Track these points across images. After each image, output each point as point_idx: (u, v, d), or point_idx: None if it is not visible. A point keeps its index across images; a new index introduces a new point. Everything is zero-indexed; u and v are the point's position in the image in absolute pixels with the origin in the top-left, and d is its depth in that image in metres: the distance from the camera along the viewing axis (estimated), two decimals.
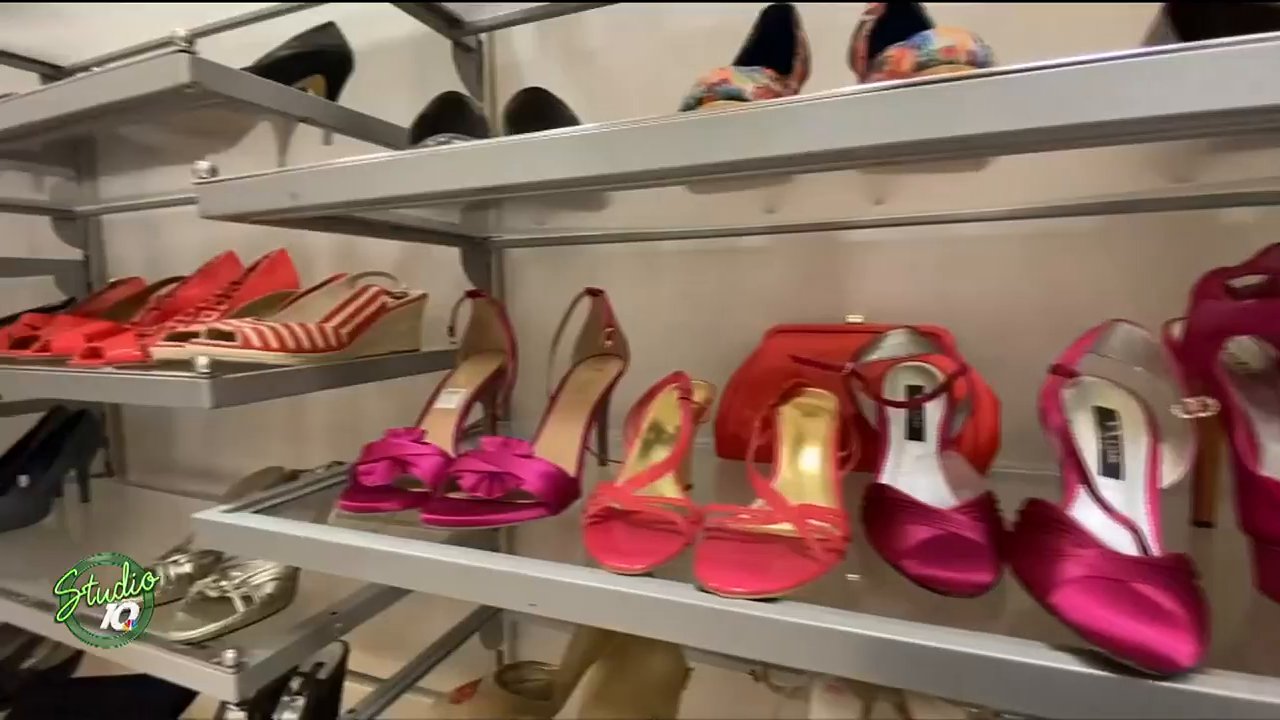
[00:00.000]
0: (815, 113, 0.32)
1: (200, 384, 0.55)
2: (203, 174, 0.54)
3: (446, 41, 0.91)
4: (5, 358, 0.75)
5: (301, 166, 0.49)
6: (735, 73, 0.41)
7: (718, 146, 0.36)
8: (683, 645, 0.70)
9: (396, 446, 0.57)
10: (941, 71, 0.36)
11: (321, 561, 0.48)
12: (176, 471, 1.22)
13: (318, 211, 0.51)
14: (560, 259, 0.92)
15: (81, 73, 1.20)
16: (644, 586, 0.40)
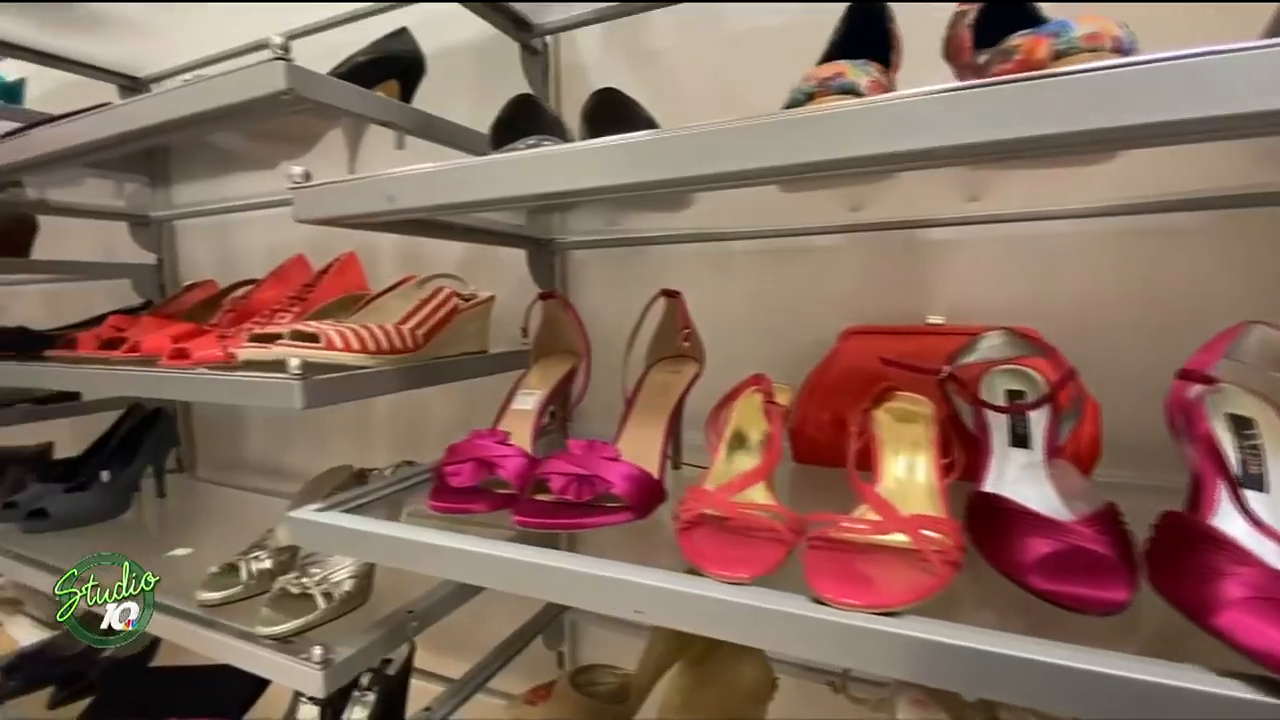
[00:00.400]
0: (960, 105, 0.31)
1: (293, 385, 0.56)
2: (297, 179, 0.55)
3: (508, 45, 0.92)
4: (99, 358, 0.78)
5: (398, 170, 0.50)
6: (850, 66, 0.40)
7: (845, 142, 0.34)
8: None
9: (482, 448, 0.57)
10: (1084, 60, 0.34)
11: (417, 562, 0.48)
12: (244, 468, 1.26)
13: (413, 214, 0.51)
14: (623, 260, 0.91)
15: (155, 84, 1.25)
16: (755, 596, 0.39)
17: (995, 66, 0.38)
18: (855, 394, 0.67)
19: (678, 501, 0.51)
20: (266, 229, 1.21)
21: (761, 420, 0.58)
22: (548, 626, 0.91)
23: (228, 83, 0.55)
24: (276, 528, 0.84)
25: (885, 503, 0.42)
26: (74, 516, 0.96)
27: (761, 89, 0.79)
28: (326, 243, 1.04)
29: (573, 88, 0.90)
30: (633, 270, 0.90)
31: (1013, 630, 0.34)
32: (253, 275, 1.06)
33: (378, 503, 0.63)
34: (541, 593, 0.43)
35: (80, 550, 0.89)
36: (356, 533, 0.53)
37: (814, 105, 0.39)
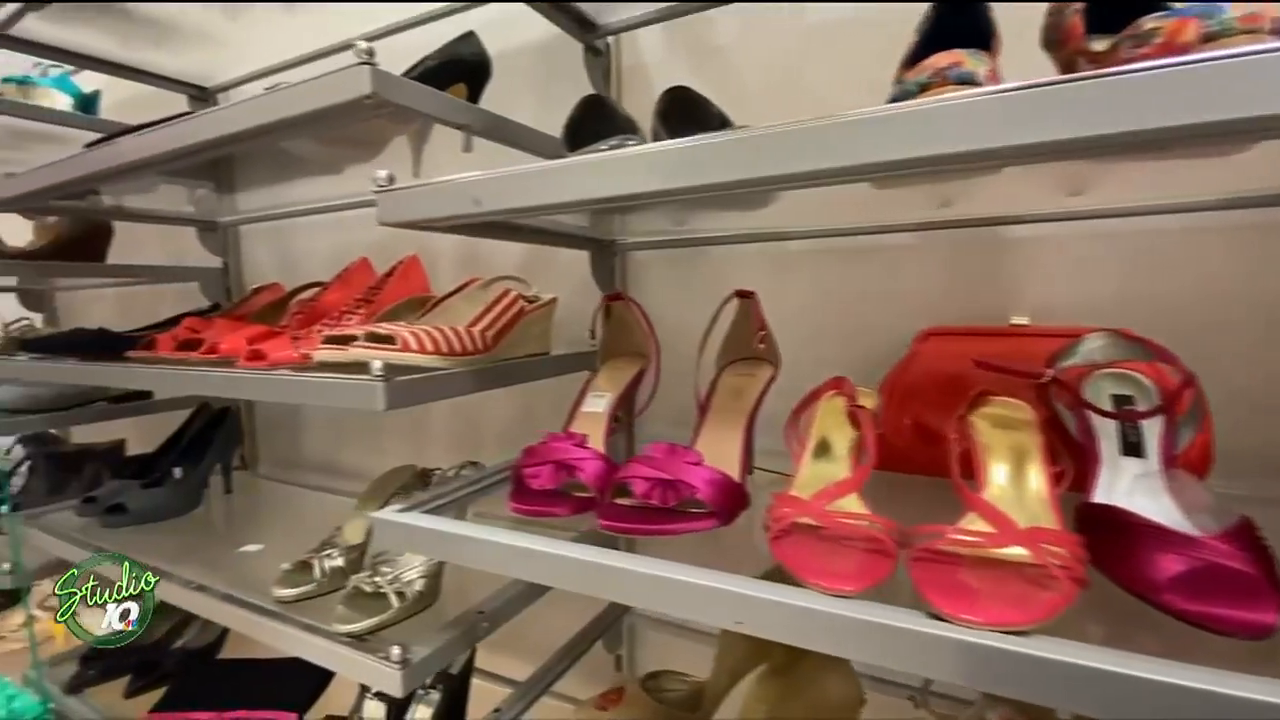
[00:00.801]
0: (1119, 91, 0.29)
1: (376, 387, 0.56)
2: (381, 182, 0.55)
3: (568, 47, 0.92)
4: (180, 360, 0.80)
5: (484, 173, 0.49)
6: (967, 55, 0.38)
7: (972, 134, 0.33)
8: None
9: (559, 450, 0.57)
10: (1240, 42, 0.31)
11: (508, 566, 0.48)
12: (302, 466, 1.29)
13: (495, 217, 0.51)
14: (684, 261, 0.90)
15: (221, 94, 1.29)
16: (865, 610, 0.37)
17: (1128, 52, 0.36)
18: (937, 398, 0.65)
19: (764, 509, 0.50)
20: (326, 233, 1.23)
21: (845, 425, 0.57)
22: (608, 630, 0.91)
23: (313, 88, 0.56)
24: (344, 526, 0.85)
25: (1001, 514, 0.40)
26: (150, 512, 1.00)
27: (831, 83, 0.78)
28: (387, 246, 1.06)
29: (634, 88, 0.90)
30: (694, 271, 0.89)
31: (1148, 652, 0.32)
32: (313, 278, 1.08)
33: (452, 503, 0.63)
34: (638, 600, 0.42)
35: (157, 544, 0.92)
36: (440, 534, 0.53)
37: (929, 96, 0.38)
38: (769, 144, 0.39)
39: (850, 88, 0.76)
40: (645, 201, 0.51)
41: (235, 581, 0.79)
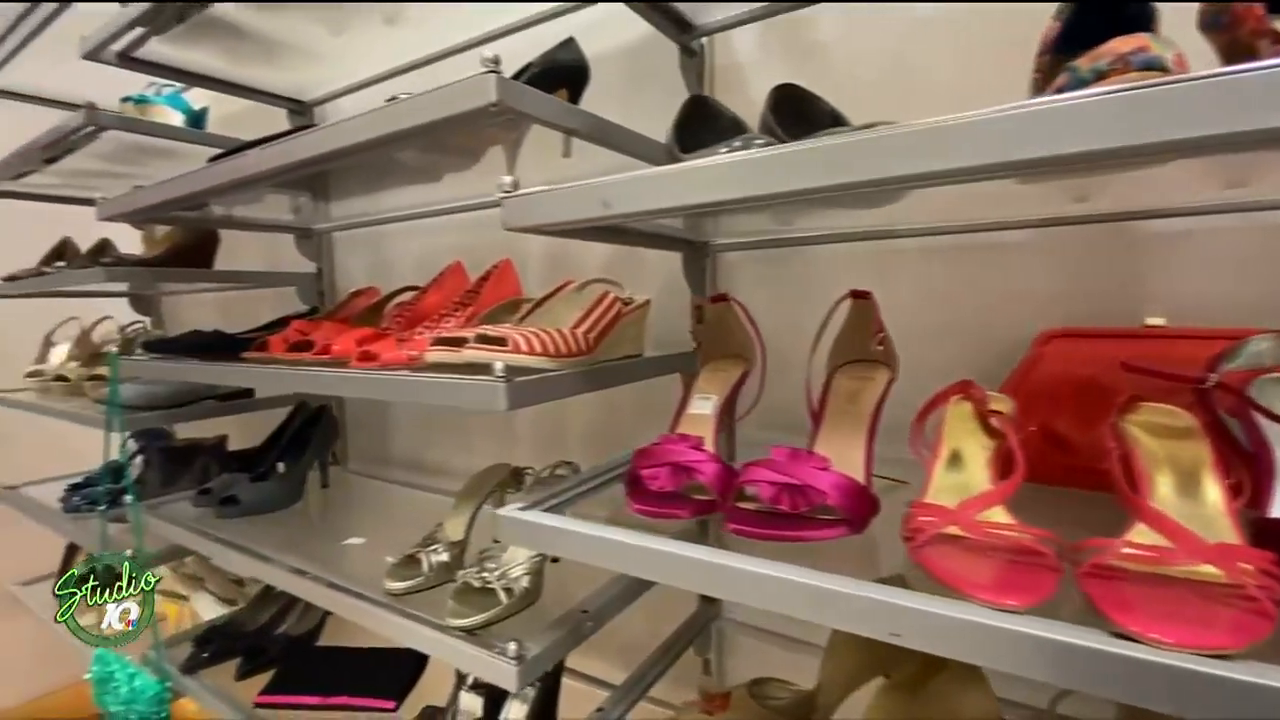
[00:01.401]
0: None
1: (498, 387, 0.57)
2: (506, 188, 0.56)
3: (655, 49, 0.92)
4: (294, 360, 0.84)
5: (615, 176, 0.50)
6: (1152, 39, 0.35)
7: (1173, 124, 0.31)
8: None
9: (676, 452, 0.57)
10: None
11: (643, 567, 0.48)
12: (390, 463, 1.33)
13: (624, 220, 0.51)
14: (777, 261, 0.89)
15: (318, 108, 1.35)
16: (1038, 626, 0.35)
17: None
18: (1067, 404, 0.62)
19: (895, 517, 0.49)
20: (414, 238, 1.28)
21: (976, 431, 0.54)
22: (700, 634, 0.90)
23: (439, 97, 0.58)
24: (445, 522, 0.88)
25: (1182, 529, 0.38)
26: (258, 504, 1.05)
27: (944, 76, 0.76)
28: (474, 249, 1.09)
29: (729, 87, 0.89)
30: (787, 271, 0.88)
31: None
32: (402, 281, 1.12)
33: (567, 501, 0.64)
34: (782, 607, 0.41)
35: (266, 535, 0.97)
36: (566, 532, 0.53)
37: (1109, 84, 0.36)
38: (927, 140, 0.38)
39: (965, 79, 0.74)
40: (774, 203, 0.51)
41: (344, 573, 0.82)
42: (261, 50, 1.09)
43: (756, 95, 0.86)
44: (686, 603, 0.95)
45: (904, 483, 0.62)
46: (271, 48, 1.08)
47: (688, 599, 0.96)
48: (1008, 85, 0.70)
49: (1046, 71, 0.50)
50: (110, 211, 1.04)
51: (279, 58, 1.12)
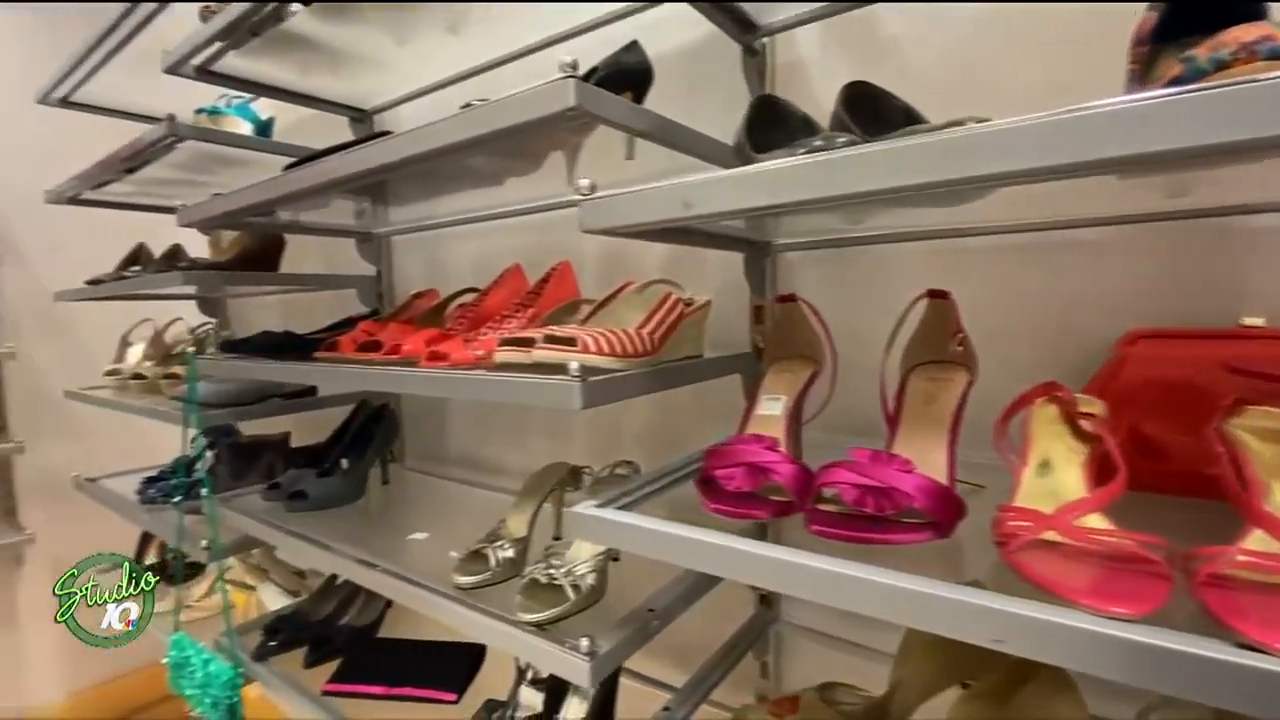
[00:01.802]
0: None
1: (573, 386, 0.58)
2: (584, 190, 0.57)
3: (708, 50, 0.93)
4: (365, 359, 0.87)
5: (697, 176, 0.50)
6: (1278, 29, 0.34)
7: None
8: None
9: (750, 452, 0.57)
10: None
11: (726, 567, 0.48)
12: (445, 460, 1.37)
13: (703, 220, 0.51)
14: (839, 261, 0.88)
15: (377, 116, 1.39)
16: (1155, 636, 0.34)
17: None
18: (1159, 407, 0.60)
19: (991, 522, 0.48)
20: (470, 242, 1.30)
21: (1064, 434, 0.53)
22: (759, 638, 0.90)
23: (518, 102, 0.59)
24: (507, 519, 0.89)
25: None
26: (325, 499, 1.09)
27: (1011, 72, 0.74)
28: (529, 252, 1.11)
29: (790, 87, 0.88)
30: (850, 271, 0.87)
31: None
32: (459, 283, 1.15)
33: (638, 500, 0.64)
34: (876, 610, 0.41)
35: (332, 528, 1.00)
36: (642, 530, 0.53)
37: (1233, 74, 0.34)
38: (1029, 137, 0.37)
39: (1034, 74, 0.72)
40: (857, 202, 0.50)
41: (411, 567, 0.84)
42: (328, 60, 1.13)
43: (819, 94, 0.86)
44: (741, 605, 0.95)
45: (980, 486, 0.61)
46: (338, 58, 1.12)
47: (743, 601, 0.95)
48: (1081, 79, 0.68)
49: (1145, 63, 0.48)
50: (190, 218, 1.09)
51: (344, 67, 1.16)
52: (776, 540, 0.50)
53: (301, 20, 0.98)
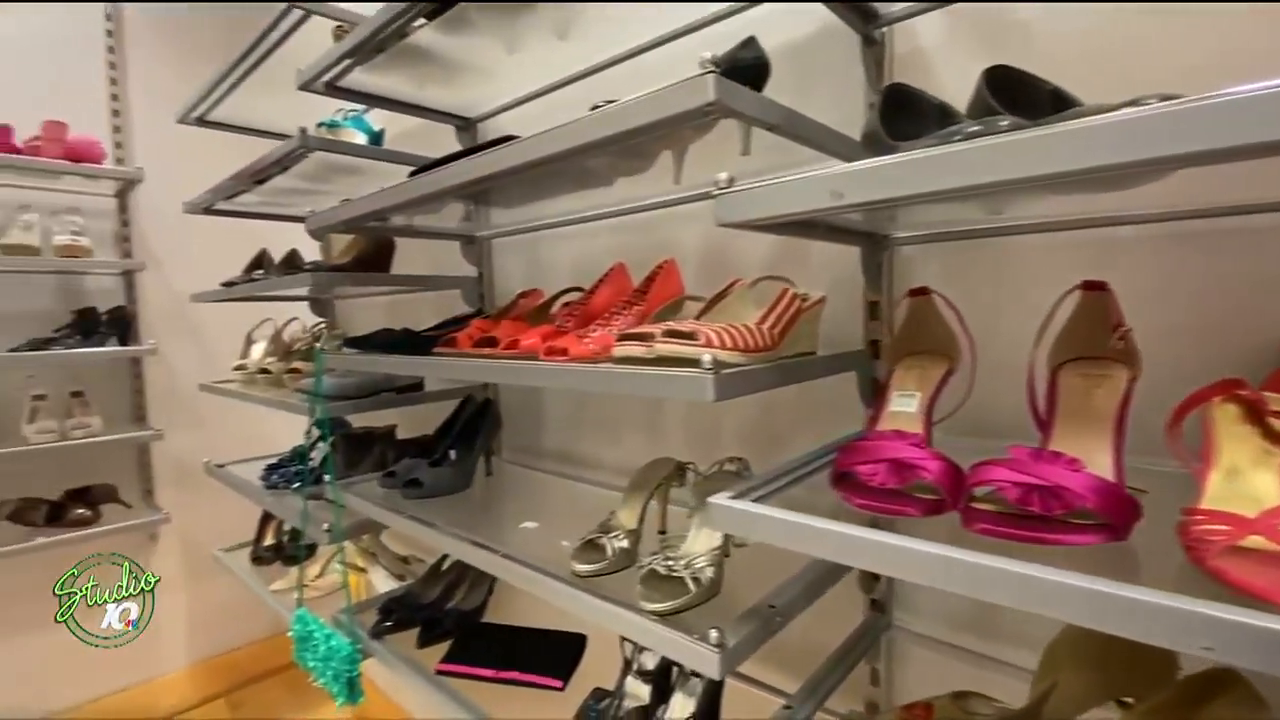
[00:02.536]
0: None
1: (706, 379, 0.59)
2: (722, 184, 0.58)
3: (821, 42, 0.92)
4: (484, 355, 0.91)
5: (846, 166, 0.50)
6: None
7: None
8: None
9: (895, 449, 0.55)
10: None
11: (882, 563, 0.47)
12: (541, 454, 1.40)
13: (854, 210, 0.51)
14: (963, 253, 0.84)
15: (481, 124, 1.46)
16: None
17: None
18: None
19: (1176, 526, 0.44)
20: (568, 242, 1.34)
21: (1250, 434, 0.49)
22: (874, 644, 0.88)
23: (657, 99, 0.60)
24: (617, 511, 0.91)
25: None
26: (437, 487, 1.15)
27: (1152, 54, 0.69)
28: (627, 251, 1.13)
29: (908, 76, 0.86)
30: (976, 264, 0.83)
31: None
32: (555, 283, 1.19)
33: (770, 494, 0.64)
34: (1084, 619, 0.39)
35: (446, 515, 1.05)
36: (788, 523, 0.53)
37: None
38: (1250, 110, 0.34)
39: (1198, 54, 0.67)
40: (1018, 188, 0.48)
41: (526, 554, 0.87)
42: (442, 71, 1.19)
43: (940, 83, 0.83)
44: (847, 608, 0.92)
45: (1142, 491, 0.57)
46: (451, 68, 1.17)
47: (852, 605, 0.93)
48: (1230, 58, 0.63)
49: None
50: (318, 224, 1.18)
51: (456, 77, 1.22)
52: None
53: (420, 33, 1.04)
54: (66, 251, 1.74)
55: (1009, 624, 0.83)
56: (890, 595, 0.92)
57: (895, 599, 0.92)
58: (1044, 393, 0.60)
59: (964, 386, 0.69)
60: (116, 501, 1.88)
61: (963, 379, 0.70)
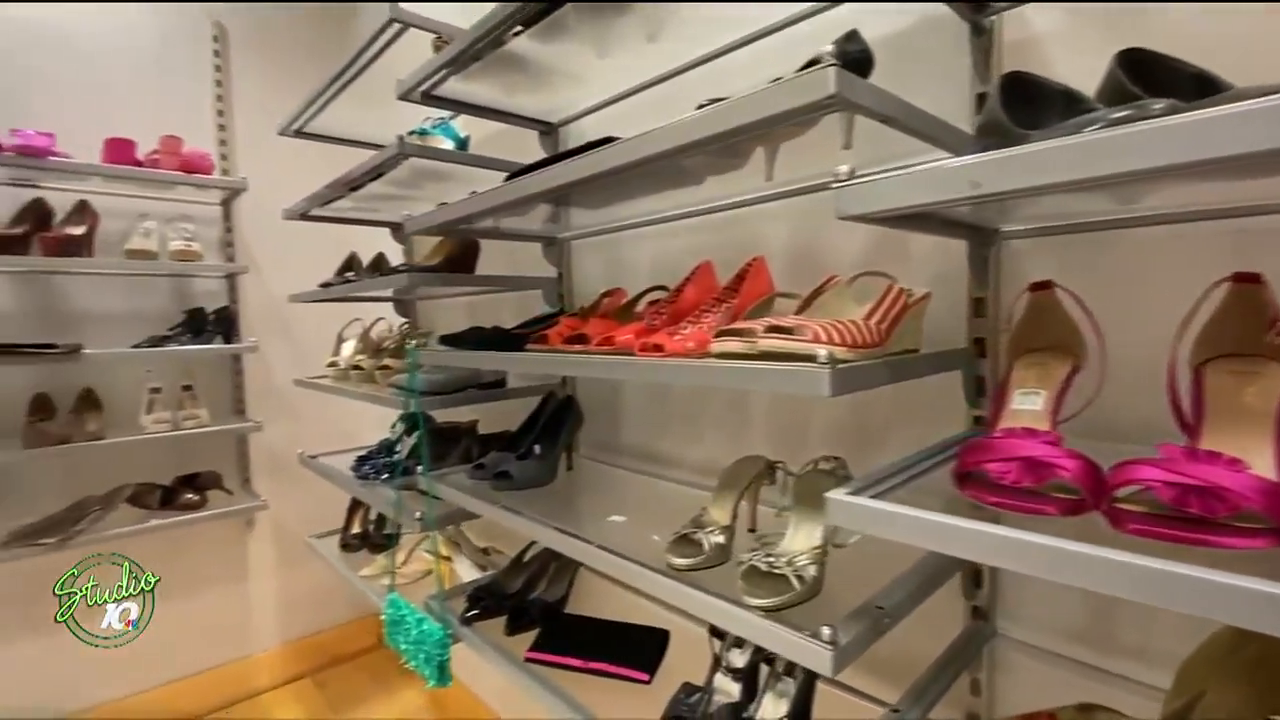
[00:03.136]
0: None
1: (822, 373, 0.59)
2: (842, 176, 0.57)
3: (915, 33, 0.90)
4: (581, 350, 0.93)
5: (985, 155, 0.49)
6: None
7: None
8: None
9: (1027, 447, 0.54)
10: None
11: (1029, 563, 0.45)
12: (619, 450, 1.42)
13: (993, 200, 0.49)
14: (1079, 247, 0.81)
15: (562, 128, 1.49)
16: None
17: None
18: None
19: None
20: (647, 242, 1.35)
21: None
22: (977, 654, 0.85)
23: (776, 92, 0.61)
24: (709, 507, 0.92)
25: None
26: (526, 480, 1.18)
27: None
28: (706, 251, 1.13)
29: (1022, 64, 0.83)
30: (1093, 258, 0.79)
31: None
32: (633, 282, 1.21)
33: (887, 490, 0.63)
34: (1249, 621, 0.37)
35: (536, 507, 1.08)
36: (914, 520, 0.52)
37: None
38: None
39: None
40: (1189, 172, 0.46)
41: (619, 548, 0.89)
42: (531, 77, 1.22)
43: (1053, 71, 0.80)
44: (943, 615, 0.89)
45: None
46: (540, 74, 1.21)
47: (947, 612, 0.90)
48: None
49: None
50: (416, 226, 1.24)
51: (545, 83, 1.25)
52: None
53: (515, 41, 1.08)
54: (181, 256, 1.89)
55: (1129, 635, 0.79)
56: (994, 602, 0.88)
57: (998, 606, 0.89)
58: (1188, 392, 0.57)
59: (1089, 385, 0.66)
60: (220, 488, 2.02)
61: (1088, 377, 0.67)
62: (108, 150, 1.80)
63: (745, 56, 1.12)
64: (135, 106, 1.99)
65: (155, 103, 2.03)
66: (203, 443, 2.04)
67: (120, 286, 1.97)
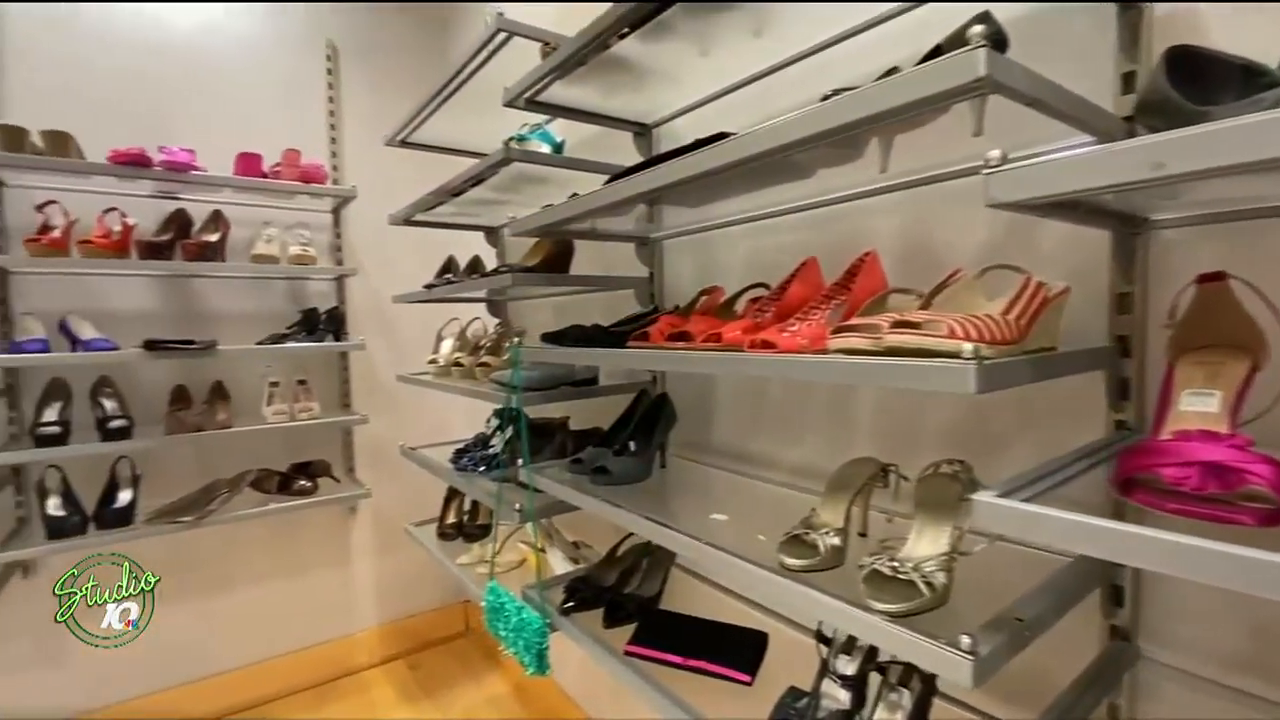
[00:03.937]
0: None
1: (967, 369, 0.56)
2: (994, 161, 0.55)
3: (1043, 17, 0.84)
4: (685, 348, 0.93)
5: (1171, 134, 0.45)
6: None
7: None
8: None
9: (1209, 451, 0.49)
10: None
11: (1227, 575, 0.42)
12: (710, 450, 1.42)
13: (1181, 180, 0.46)
14: (1242, 236, 0.73)
15: (655, 129, 1.51)
16: None
17: None
18: None
19: None
20: (738, 241, 1.34)
21: None
22: (1118, 680, 0.78)
23: (926, 74, 0.58)
24: (818, 509, 0.90)
25: None
26: (623, 475, 1.20)
27: None
28: (799, 248, 1.11)
29: (1169, 40, 0.76)
30: (1257, 249, 0.72)
31: None
32: (725, 281, 1.20)
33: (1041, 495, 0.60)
34: None
35: (634, 503, 1.09)
36: (1082, 525, 0.49)
37: None
38: None
39: None
40: None
41: (726, 546, 0.88)
42: (632, 79, 1.24)
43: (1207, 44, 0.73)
44: (1075, 634, 0.83)
45: None
46: (641, 75, 1.22)
47: (1086, 631, 0.84)
48: None
49: None
50: (520, 229, 1.28)
51: (644, 84, 1.27)
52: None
53: (620, 44, 1.09)
54: (299, 260, 2.04)
55: None
56: (1136, 622, 0.82)
57: (1141, 627, 0.82)
58: None
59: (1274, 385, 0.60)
60: (329, 476, 2.16)
61: (1267, 377, 0.61)
62: (238, 164, 1.97)
63: (839, 53, 1.09)
64: (259, 121, 2.17)
65: (276, 118, 2.21)
66: (313, 434, 2.20)
67: (244, 288, 2.16)
